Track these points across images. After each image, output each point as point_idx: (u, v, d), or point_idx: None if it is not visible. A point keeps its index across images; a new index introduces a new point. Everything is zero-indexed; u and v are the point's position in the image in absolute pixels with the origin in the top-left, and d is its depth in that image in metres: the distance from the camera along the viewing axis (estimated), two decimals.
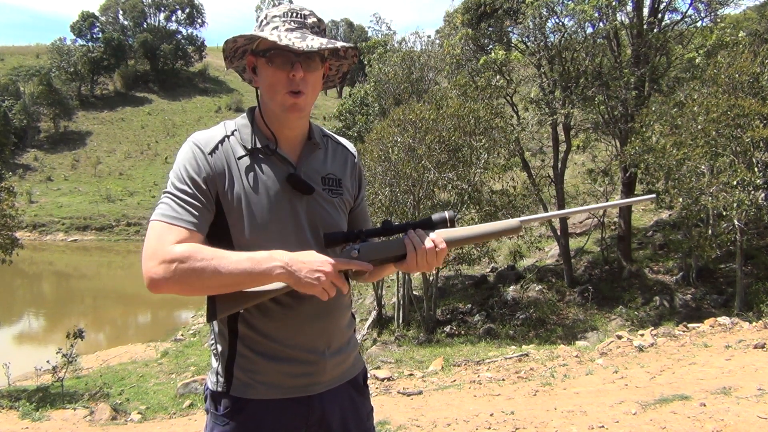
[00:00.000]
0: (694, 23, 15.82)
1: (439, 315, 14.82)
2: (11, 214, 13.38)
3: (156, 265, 1.17)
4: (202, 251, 1.20)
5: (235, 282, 1.20)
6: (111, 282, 29.26)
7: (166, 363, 13.21)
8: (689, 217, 12.58)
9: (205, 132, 1.37)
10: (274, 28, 1.31)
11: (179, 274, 1.17)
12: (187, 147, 1.33)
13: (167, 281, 1.17)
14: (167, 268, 1.17)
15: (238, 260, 1.20)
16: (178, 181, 1.28)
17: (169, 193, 1.28)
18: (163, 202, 1.27)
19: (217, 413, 1.37)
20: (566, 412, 4.34)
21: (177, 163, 1.32)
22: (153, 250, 1.19)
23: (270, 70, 1.31)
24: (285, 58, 1.30)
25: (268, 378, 1.35)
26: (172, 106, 60.60)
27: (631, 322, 12.73)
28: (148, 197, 42.91)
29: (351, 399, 1.48)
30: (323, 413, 1.41)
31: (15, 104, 51.12)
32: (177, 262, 1.17)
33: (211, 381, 1.41)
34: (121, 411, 7.94)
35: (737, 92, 11.02)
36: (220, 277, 1.19)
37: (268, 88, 1.33)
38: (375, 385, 7.07)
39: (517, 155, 15.86)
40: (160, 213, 1.24)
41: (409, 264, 1.35)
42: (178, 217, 1.24)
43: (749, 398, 4.08)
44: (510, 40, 17.52)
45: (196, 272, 1.17)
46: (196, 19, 69.00)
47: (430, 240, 1.34)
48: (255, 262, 1.21)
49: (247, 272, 1.20)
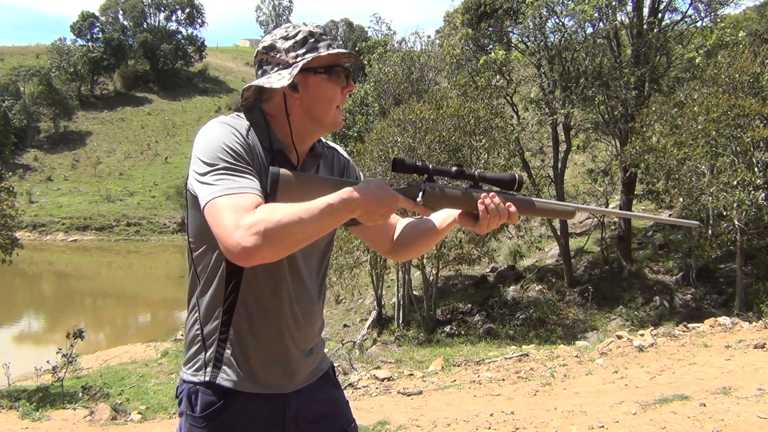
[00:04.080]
0: (694, 23, 15.82)
1: (439, 315, 14.83)
2: (11, 214, 13.38)
3: (245, 235, 1.11)
4: (280, 206, 1.16)
5: (319, 229, 1.19)
6: (111, 282, 29.27)
7: (166, 363, 13.21)
8: (689, 217, 12.57)
9: (228, 118, 1.35)
10: (328, 45, 1.35)
11: (270, 235, 1.12)
12: (219, 127, 1.29)
13: (260, 247, 1.12)
14: (257, 233, 1.11)
15: (317, 207, 1.18)
16: (225, 155, 1.22)
17: (219, 169, 1.21)
18: (216, 181, 1.19)
19: (194, 414, 1.35)
20: (566, 412, 4.34)
21: (213, 142, 1.25)
22: (234, 222, 1.13)
23: (330, 85, 1.35)
24: (341, 73, 1.35)
25: (252, 372, 1.35)
26: (172, 106, 60.62)
27: (631, 322, 12.73)
28: (148, 197, 42.92)
29: (327, 393, 1.50)
30: (299, 411, 1.42)
31: (15, 104, 51.15)
32: (263, 223, 1.12)
33: (191, 373, 1.38)
34: (121, 411, 7.94)
35: (737, 92, 11.02)
36: (305, 228, 1.16)
37: (324, 102, 1.35)
38: (375, 385, 7.07)
39: (517, 155, 15.87)
40: (222, 188, 1.18)
41: (480, 226, 1.38)
42: (244, 186, 1.19)
43: (749, 398, 4.07)
44: (510, 40, 17.52)
45: (285, 228, 1.13)
46: (196, 19, 69.03)
47: (504, 208, 1.37)
48: (333, 207, 1.19)
49: (328, 215, 1.19)
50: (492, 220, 1.37)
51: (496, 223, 1.38)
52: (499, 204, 1.37)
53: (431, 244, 1.57)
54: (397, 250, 1.57)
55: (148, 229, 39.28)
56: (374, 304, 16.05)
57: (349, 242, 13.49)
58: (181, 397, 1.40)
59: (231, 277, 1.33)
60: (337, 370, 8.05)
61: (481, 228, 1.39)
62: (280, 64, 1.34)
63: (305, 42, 1.34)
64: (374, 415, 4.92)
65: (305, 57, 1.32)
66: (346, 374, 7.95)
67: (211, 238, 1.28)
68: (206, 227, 1.26)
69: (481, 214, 1.37)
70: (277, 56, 1.34)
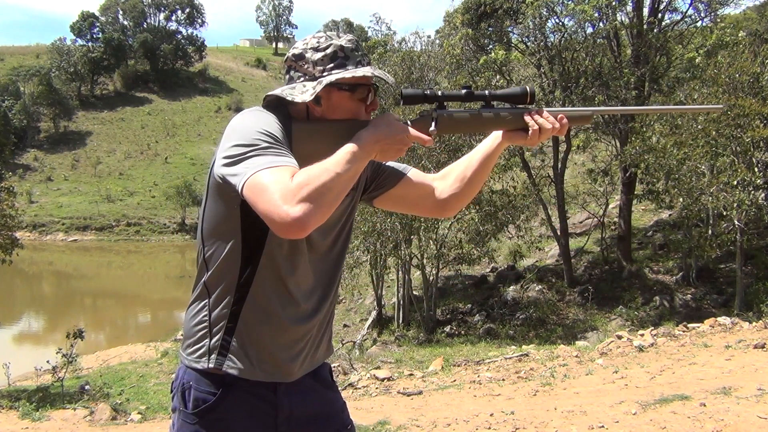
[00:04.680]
0: (694, 23, 15.84)
1: (439, 315, 14.83)
2: (11, 214, 13.38)
3: (292, 205, 1.10)
4: (312, 168, 1.16)
5: (349, 177, 1.20)
6: (111, 282, 29.28)
7: (166, 363, 13.20)
8: (689, 217, 12.59)
9: (259, 108, 1.34)
10: (357, 62, 1.34)
11: (314, 198, 1.12)
12: (256, 114, 1.29)
13: (309, 213, 1.11)
14: (303, 200, 1.11)
15: (342, 157, 1.19)
16: (264, 136, 1.21)
17: (259, 149, 1.18)
18: (257, 158, 1.17)
19: (187, 410, 1.35)
20: (566, 412, 4.34)
21: (250, 126, 1.23)
22: (280, 193, 1.11)
23: (353, 103, 1.35)
24: (366, 92, 1.35)
25: (260, 359, 1.35)
26: (172, 106, 60.58)
27: (631, 322, 12.73)
28: (148, 197, 42.91)
29: (322, 395, 1.48)
30: (291, 411, 1.40)
31: (15, 104, 51.11)
32: (305, 187, 1.12)
33: (193, 359, 1.36)
34: (121, 411, 7.93)
35: (737, 92, 11.02)
36: (339, 180, 1.16)
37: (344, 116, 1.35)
38: (375, 385, 7.07)
39: (517, 155, 15.87)
40: (261, 164, 1.15)
41: (531, 138, 1.40)
42: (281, 161, 1.17)
43: (749, 398, 4.07)
44: (510, 40, 17.52)
45: (324, 186, 1.14)
46: (196, 19, 69.01)
47: (552, 118, 1.40)
48: (355, 153, 1.21)
49: (353, 162, 1.20)
50: (543, 132, 1.39)
51: (546, 134, 1.40)
52: (548, 117, 1.39)
53: (485, 175, 1.54)
54: (450, 200, 1.53)
55: (148, 229, 39.28)
56: (374, 304, 16.06)
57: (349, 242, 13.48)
58: (174, 393, 1.40)
59: (246, 265, 1.32)
60: (337, 370, 8.05)
61: (532, 140, 1.40)
62: (306, 74, 1.34)
63: (335, 57, 1.33)
64: (374, 415, 4.92)
65: (332, 73, 1.31)
66: (346, 374, 7.95)
67: (229, 227, 1.29)
68: (226, 215, 1.28)
69: (531, 129, 1.39)
70: (305, 66, 1.34)
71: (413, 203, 1.56)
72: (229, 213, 1.29)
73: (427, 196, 1.53)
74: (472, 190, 1.53)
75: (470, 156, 1.52)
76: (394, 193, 1.52)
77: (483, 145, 1.51)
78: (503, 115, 1.40)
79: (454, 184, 1.52)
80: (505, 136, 1.45)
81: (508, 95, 1.39)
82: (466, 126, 1.39)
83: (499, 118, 1.40)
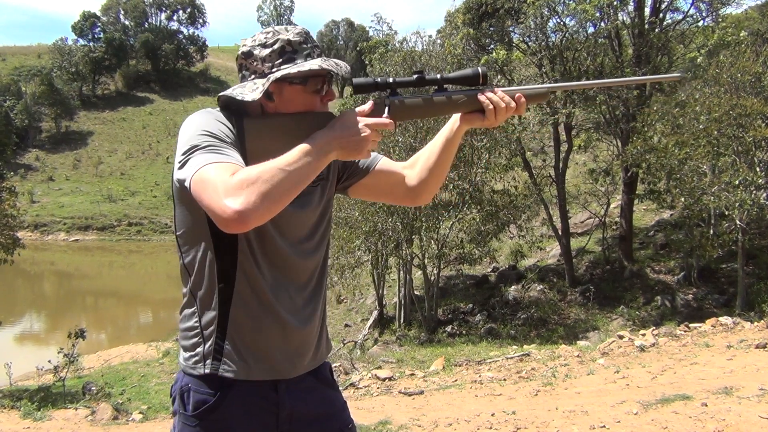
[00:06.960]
0: (696, 23, 15.81)
1: (440, 315, 14.84)
2: (13, 214, 13.42)
3: (233, 199, 1.10)
4: (255, 167, 1.16)
5: (303, 173, 1.19)
6: (112, 282, 29.32)
7: (168, 363, 13.21)
8: (691, 217, 12.58)
9: (207, 109, 1.34)
10: (307, 55, 1.33)
11: (257, 194, 1.11)
12: (198, 116, 1.29)
13: (250, 207, 1.10)
14: (243, 194, 1.11)
15: (293, 157, 1.19)
16: (205, 135, 1.22)
17: (200, 148, 1.19)
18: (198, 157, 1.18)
19: (187, 413, 1.35)
20: (567, 411, 4.34)
21: (192, 128, 1.24)
22: (222, 187, 1.11)
23: (306, 95, 1.34)
24: (319, 83, 1.34)
25: (255, 359, 1.34)
26: (174, 106, 60.66)
27: (632, 322, 12.73)
28: (149, 197, 42.97)
29: (323, 394, 1.48)
30: (292, 410, 1.40)
31: (17, 104, 51.24)
32: (245, 182, 1.12)
33: (190, 365, 1.36)
34: (122, 411, 7.94)
35: (739, 92, 11.01)
36: (287, 178, 1.16)
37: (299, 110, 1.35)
38: (376, 384, 7.07)
39: (519, 155, 15.86)
40: (202, 161, 1.17)
41: (488, 119, 1.38)
42: (221, 158, 1.18)
43: (751, 398, 4.07)
44: (511, 40, 17.51)
45: (269, 183, 1.13)
46: (198, 19, 69.12)
47: (508, 98, 1.38)
48: (312, 153, 1.21)
49: (306, 163, 1.19)
50: (499, 112, 1.38)
51: (504, 114, 1.38)
52: (503, 96, 1.38)
53: (448, 160, 1.53)
54: (419, 187, 1.54)
55: (150, 229, 39.33)
56: (375, 304, 16.06)
57: (350, 242, 13.50)
58: (174, 396, 1.40)
59: (223, 267, 1.31)
60: (339, 369, 8.05)
61: (490, 121, 1.39)
62: (256, 72, 1.33)
63: (282, 52, 1.32)
64: (375, 414, 4.92)
65: (281, 68, 1.30)
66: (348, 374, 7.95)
67: (199, 231, 1.29)
68: (192, 220, 1.28)
69: (485, 105, 1.37)
70: (254, 64, 1.33)
71: (386, 192, 1.57)
72: (195, 217, 1.30)
73: (398, 184, 1.54)
74: (439, 176, 1.53)
75: (432, 143, 1.53)
76: (365, 182, 1.52)
77: (443, 131, 1.51)
78: (456, 98, 1.38)
79: (421, 172, 1.53)
80: (463, 119, 1.44)
81: (460, 77, 1.38)
82: (420, 111, 1.38)
83: (453, 101, 1.38)
